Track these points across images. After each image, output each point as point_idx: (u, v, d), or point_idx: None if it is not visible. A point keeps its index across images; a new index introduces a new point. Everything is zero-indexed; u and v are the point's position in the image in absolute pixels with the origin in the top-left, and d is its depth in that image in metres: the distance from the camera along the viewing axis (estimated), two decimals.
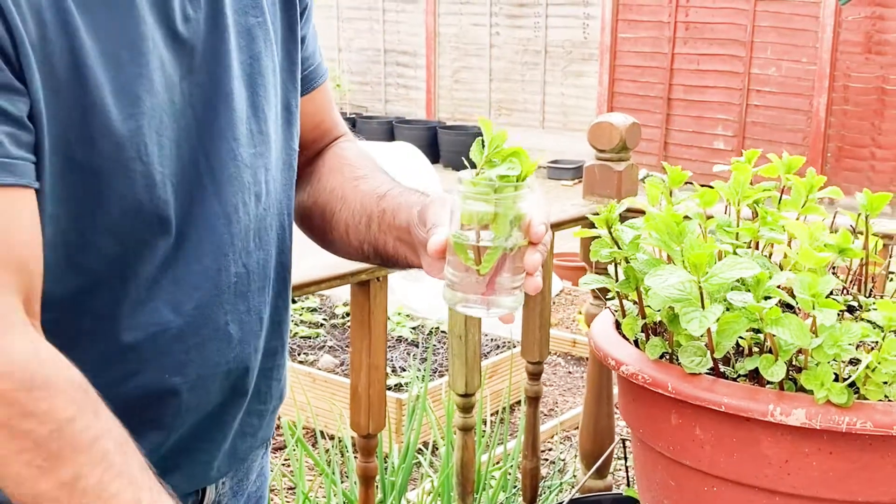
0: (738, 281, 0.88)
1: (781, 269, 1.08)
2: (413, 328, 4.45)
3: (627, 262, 0.96)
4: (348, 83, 12.49)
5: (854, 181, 8.82)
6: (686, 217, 0.98)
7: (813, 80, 9.08)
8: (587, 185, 2.29)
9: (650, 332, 0.97)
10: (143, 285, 0.92)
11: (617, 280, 0.99)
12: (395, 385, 3.83)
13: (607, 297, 1.06)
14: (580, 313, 4.77)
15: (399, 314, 4.53)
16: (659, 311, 0.92)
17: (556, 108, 11.01)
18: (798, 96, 9.23)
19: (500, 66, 11.30)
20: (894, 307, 0.82)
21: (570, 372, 4.48)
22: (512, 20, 11.07)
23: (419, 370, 3.79)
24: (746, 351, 0.91)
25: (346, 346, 4.26)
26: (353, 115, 12.09)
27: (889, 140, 8.82)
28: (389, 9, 11.98)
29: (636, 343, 0.98)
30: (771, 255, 1.15)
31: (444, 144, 11.01)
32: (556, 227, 2.15)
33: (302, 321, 4.56)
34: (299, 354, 4.20)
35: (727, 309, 0.86)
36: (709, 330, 0.85)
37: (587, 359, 4.47)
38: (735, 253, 0.98)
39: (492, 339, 4.29)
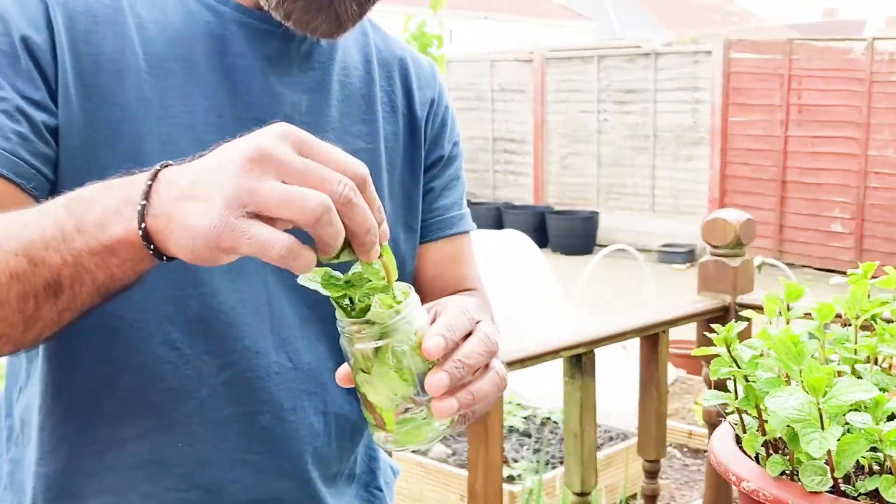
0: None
1: None
2: (525, 418, 4.43)
3: (747, 379, 0.99)
4: None
5: None
6: (810, 335, 1.00)
7: None
8: (702, 280, 2.31)
9: (771, 448, 0.99)
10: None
11: (736, 396, 1.02)
12: (508, 476, 3.82)
13: (727, 410, 1.08)
14: (696, 403, 4.67)
15: (510, 402, 4.50)
16: (779, 428, 0.94)
17: (666, 191, 10.98)
18: None
19: (609, 151, 11.36)
20: None
21: (686, 465, 4.38)
22: (620, 106, 11.16)
23: (532, 462, 3.78)
24: (867, 469, 0.92)
25: (459, 435, 4.27)
26: None
27: None
28: (498, 98, 12.25)
29: (756, 458, 1.00)
30: (891, 366, 1.15)
31: (552, 229, 11.09)
32: (672, 323, 2.19)
33: None
34: None
35: (847, 429, 0.87)
36: (829, 450, 0.86)
37: (704, 451, 4.37)
38: (854, 370, 0.99)
39: (605, 431, 4.25)
